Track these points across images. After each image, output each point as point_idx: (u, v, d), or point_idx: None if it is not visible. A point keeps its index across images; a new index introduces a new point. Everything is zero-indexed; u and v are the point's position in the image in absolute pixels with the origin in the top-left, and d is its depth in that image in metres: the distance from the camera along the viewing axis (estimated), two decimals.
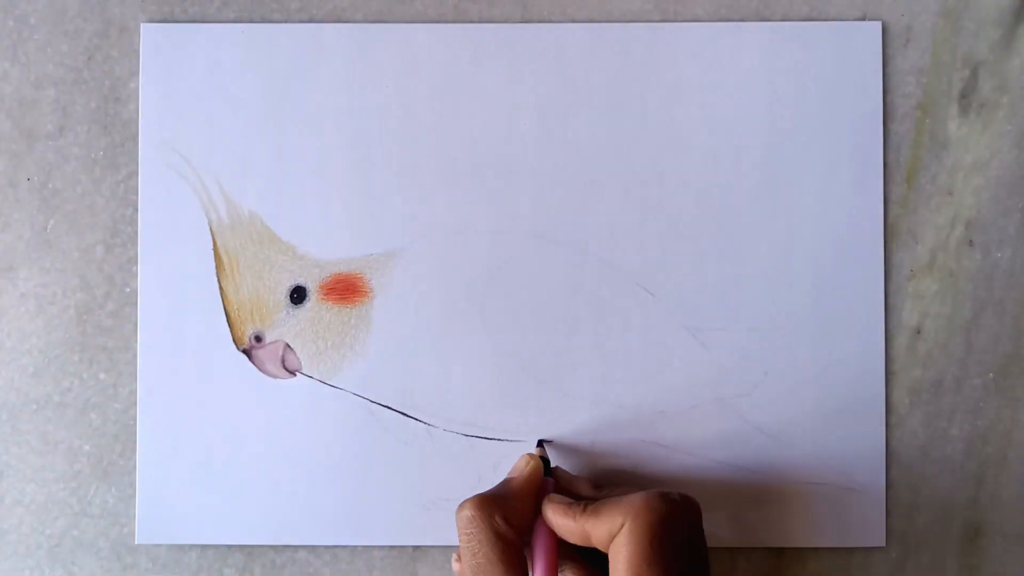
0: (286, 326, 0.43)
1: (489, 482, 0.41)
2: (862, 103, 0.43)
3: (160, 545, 0.43)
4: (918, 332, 0.43)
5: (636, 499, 0.36)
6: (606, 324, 0.43)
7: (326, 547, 0.43)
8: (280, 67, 0.43)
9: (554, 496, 0.39)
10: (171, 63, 0.43)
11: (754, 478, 0.43)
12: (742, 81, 0.43)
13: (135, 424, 0.43)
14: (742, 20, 0.44)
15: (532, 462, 0.40)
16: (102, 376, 0.43)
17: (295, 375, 0.43)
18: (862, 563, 0.43)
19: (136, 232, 0.43)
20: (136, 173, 0.43)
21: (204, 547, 0.43)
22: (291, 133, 0.43)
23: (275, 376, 0.43)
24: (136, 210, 0.43)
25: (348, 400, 0.43)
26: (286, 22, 0.44)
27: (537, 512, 0.39)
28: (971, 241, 0.44)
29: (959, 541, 0.43)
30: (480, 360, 0.43)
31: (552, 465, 0.41)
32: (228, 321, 0.43)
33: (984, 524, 0.43)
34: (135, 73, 0.44)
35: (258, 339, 0.43)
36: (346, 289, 0.43)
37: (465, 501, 0.38)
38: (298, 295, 0.43)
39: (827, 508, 0.43)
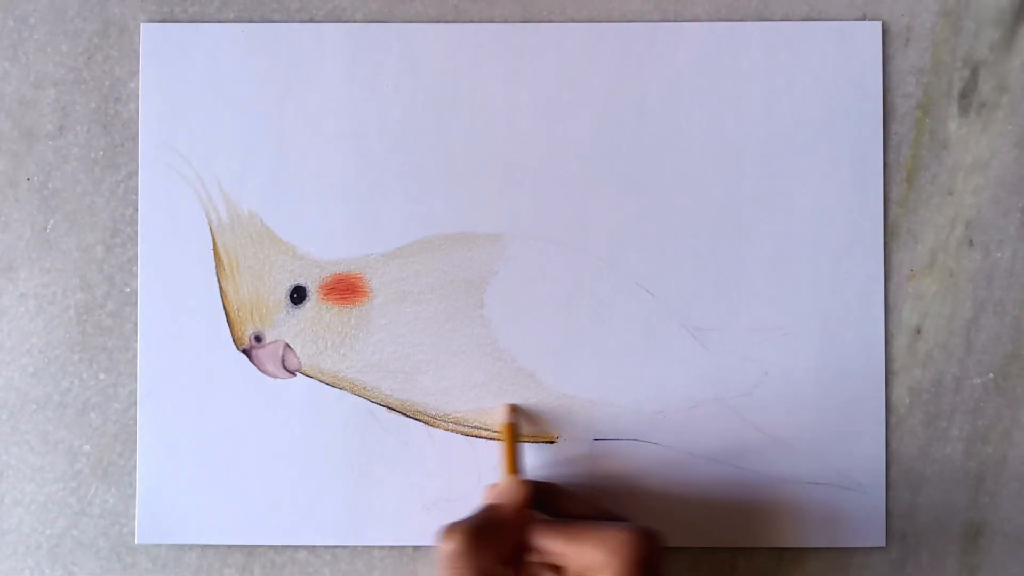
0: (286, 326, 0.43)
1: (489, 481, 0.41)
2: (862, 103, 0.43)
3: (160, 545, 0.43)
4: (918, 332, 0.43)
5: (620, 536, 0.35)
6: (606, 324, 0.43)
7: (326, 547, 0.43)
8: (280, 67, 0.43)
9: (537, 517, 0.37)
10: (171, 63, 0.43)
11: (754, 478, 0.43)
12: (742, 81, 0.43)
13: (135, 424, 0.43)
14: (742, 20, 0.43)
15: (521, 488, 0.38)
16: (102, 376, 0.43)
17: (295, 375, 0.43)
18: (862, 563, 0.43)
19: (136, 232, 0.43)
20: (136, 173, 0.43)
21: (204, 547, 0.43)
22: (291, 133, 0.43)
23: (275, 376, 0.43)
24: (136, 210, 0.43)
25: (348, 400, 0.43)
26: (286, 22, 0.44)
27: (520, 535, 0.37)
28: (971, 241, 0.44)
29: (959, 541, 0.43)
30: (480, 360, 0.43)
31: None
32: (228, 321, 0.43)
33: (984, 524, 0.43)
34: (135, 73, 0.44)
35: (258, 339, 0.43)
36: (346, 289, 0.43)
37: (450, 530, 0.35)
38: (298, 295, 0.43)
39: (827, 508, 0.42)
